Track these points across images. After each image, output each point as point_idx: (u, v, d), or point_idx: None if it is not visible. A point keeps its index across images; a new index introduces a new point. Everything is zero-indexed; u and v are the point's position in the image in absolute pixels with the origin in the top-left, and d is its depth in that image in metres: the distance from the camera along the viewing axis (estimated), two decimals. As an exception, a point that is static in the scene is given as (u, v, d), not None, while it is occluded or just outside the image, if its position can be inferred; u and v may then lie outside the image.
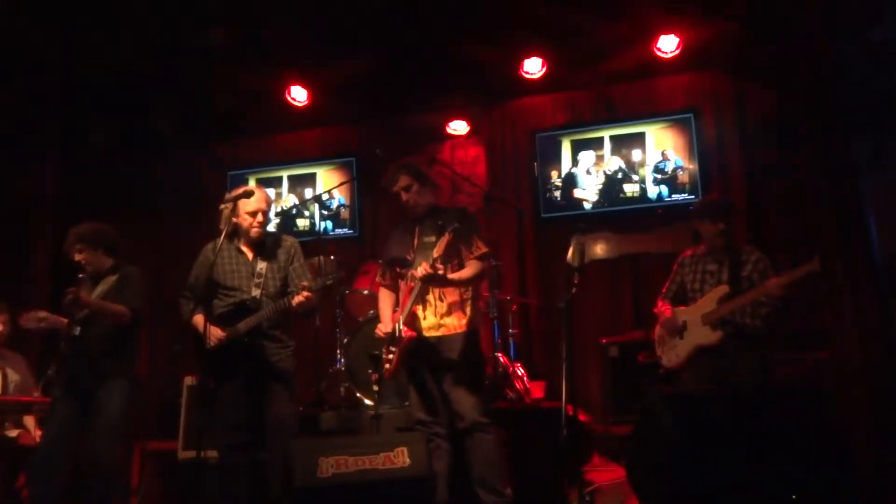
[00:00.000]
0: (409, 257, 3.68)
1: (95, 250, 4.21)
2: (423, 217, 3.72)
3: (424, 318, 3.64)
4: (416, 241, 3.68)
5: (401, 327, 3.54)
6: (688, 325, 3.94)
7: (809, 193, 3.32)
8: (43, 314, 4.19)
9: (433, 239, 3.51)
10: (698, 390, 3.68)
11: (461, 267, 3.63)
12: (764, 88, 5.07)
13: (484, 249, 3.66)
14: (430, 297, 3.63)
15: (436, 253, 3.41)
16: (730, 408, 2.41)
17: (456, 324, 3.62)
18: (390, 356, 3.58)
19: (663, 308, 4.08)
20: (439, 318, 3.63)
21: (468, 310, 3.67)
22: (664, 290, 4.18)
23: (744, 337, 3.77)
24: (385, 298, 3.86)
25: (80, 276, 4.18)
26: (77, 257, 4.19)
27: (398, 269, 3.77)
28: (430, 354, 3.60)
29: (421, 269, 3.41)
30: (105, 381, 4.05)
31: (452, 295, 3.64)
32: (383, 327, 3.68)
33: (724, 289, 3.81)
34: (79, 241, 4.20)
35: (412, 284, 3.53)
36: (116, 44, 5.42)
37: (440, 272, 3.41)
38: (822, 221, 3.19)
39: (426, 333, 3.62)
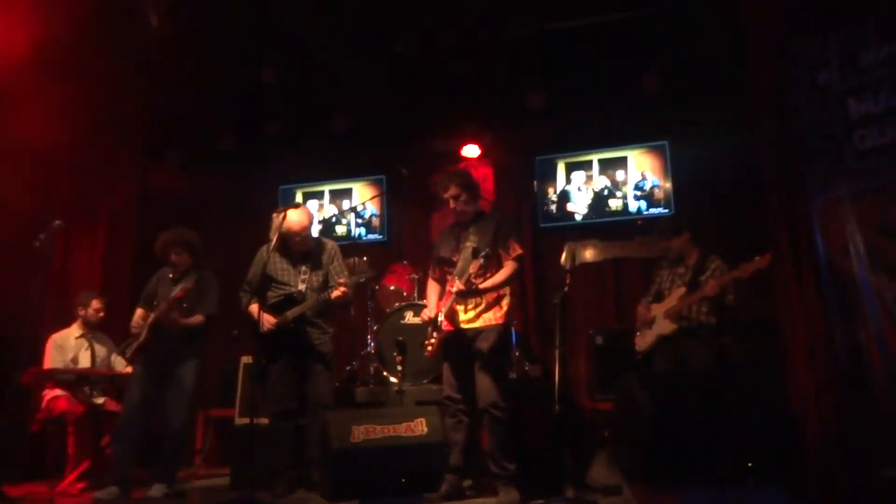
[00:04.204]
0: (454, 259, 3.58)
1: (188, 252, 4.25)
2: (469, 223, 3.62)
3: (465, 313, 3.50)
4: (461, 245, 3.57)
5: (441, 320, 3.44)
6: (656, 319, 4.02)
7: (768, 207, 3.33)
8: (146, 319, 4.15)
9: (475, 242, 3.44)
10: (666, 371, 3.70)
11: (500, 266, 3.51)
12: (729, 122, 5.04)
13: (519, 251, 3.54)
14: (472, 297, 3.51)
15: (472, 269, 3.36)
16: (693, 385, 2.42)
17: (492, 317, 3.48)
18: (432, 340, 3.49)
19: (643, 304, 4.15)
20: (478, 313, 3.50)
21: (504, 304, 3.52)
22: (648, 293, 4.23)
23: (695, 329, 3.85)
24: (432, 288, 3.74)
25: (175, 288, 4.08)
26: (174, 257, 4.20)
27: (445, 268, 3.67)
28: (467, 343, 3.48)
29: (457, 286, 3.35)
30: (182, 361, 4.11)
31: (490, 294, 3.51)
32: (428, 312, 3.56)
33: (683, 289, 3.90)
34: (180, 244, 4.20)
35: (454, 283, 3.42)
36: (188, 80, 5.51)
37: (473, 287, 3.38)
38: (778, 230, 3.19)
39: (464, 325, 3.49)
